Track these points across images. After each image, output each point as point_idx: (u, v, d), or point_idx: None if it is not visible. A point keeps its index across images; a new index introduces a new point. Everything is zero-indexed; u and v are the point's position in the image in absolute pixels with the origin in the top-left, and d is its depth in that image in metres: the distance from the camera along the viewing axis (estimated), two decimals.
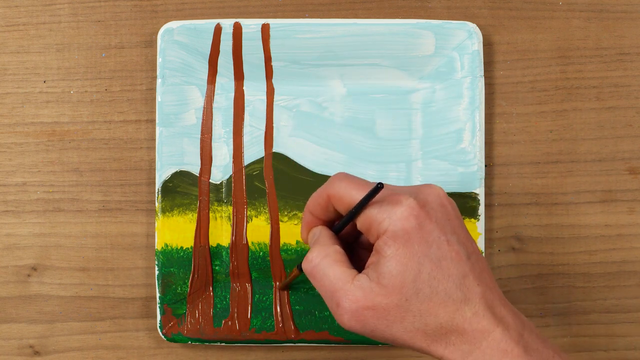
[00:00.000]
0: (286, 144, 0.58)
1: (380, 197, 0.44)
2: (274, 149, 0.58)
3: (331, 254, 0.45)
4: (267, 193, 0.58)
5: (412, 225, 0.43)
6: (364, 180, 0.46)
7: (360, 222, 0.45)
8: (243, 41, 0.57)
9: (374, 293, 0.43)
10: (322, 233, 0.47)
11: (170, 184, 0.57)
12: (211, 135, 0.58)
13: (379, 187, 0.43)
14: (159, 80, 0.57)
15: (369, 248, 0.49)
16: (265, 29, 0.57)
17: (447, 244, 0.43)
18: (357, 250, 0.50)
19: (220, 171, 0.58)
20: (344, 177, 0.46)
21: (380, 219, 0.44)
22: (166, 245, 0.57)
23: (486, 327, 0.43)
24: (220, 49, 0.57)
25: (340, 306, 0.44)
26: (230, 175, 0.58)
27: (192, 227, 0.58)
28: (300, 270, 0.52)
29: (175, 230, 0.57)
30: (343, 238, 0.49)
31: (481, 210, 0.57)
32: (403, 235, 0.43)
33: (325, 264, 0.45)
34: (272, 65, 0.58)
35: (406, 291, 0.43)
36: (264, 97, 0.58)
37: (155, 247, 0.57)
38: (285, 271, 0.58)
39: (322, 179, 0.58)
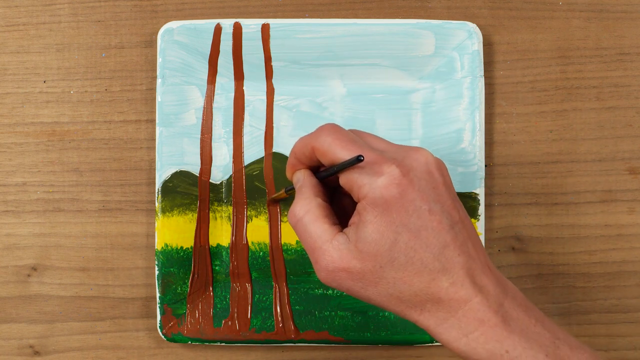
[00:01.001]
0: (286, 144, 0.58)
1: (364, 159, 0.44)
2: (274, 149, 0.58)
3: (313, 209, 0.45)
4: (267, 193, 0.58)
5: (392, 194, 0.42)
6: (352, 137, 0.45)
7: (343, 181, 0.45)
8: (243, 41, 0.57)
9: (350, 256, 0.43)
10: (305, 182, 0.47)
11: (170, 184, 0.57)
12: (211, 135, 0.58)
13: (359, 159, 0.42)
14: (159, 80, 0.57)
15: (350, 196, 0.49)
16: (265, 29, 0.57)
17: (429, 214, 0.43)
18: (340, 196, 0.50)
19: (220, 171, 0.58)
20: (331, 131, 0.45)
21: (360, 184, 0.43)
22: (166, 245, 0.57)
23: (463, 296, 0.43)
24: (220, 49, 0.57)
25: (318, 264, 0.44)
26: (230, 175, 0.58)
27: (192, 227, 0.58)
28: (288, 193, 0.53)
29: (175, 230, 0.57)
30: (327, 183, 0.48)
31: (481, 210, 0.57)
32: (382, 203, 0.42)
33: (307, 219, 0.45)
34: (272, 65, 0.58)
35: (381, 259, 0.43)
36: (264, 97, 0.58)
37: (155, 247, 0.57)
38: (286, 270, 0.58)
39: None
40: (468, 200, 0.57)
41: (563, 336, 0.44)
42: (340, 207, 0.49)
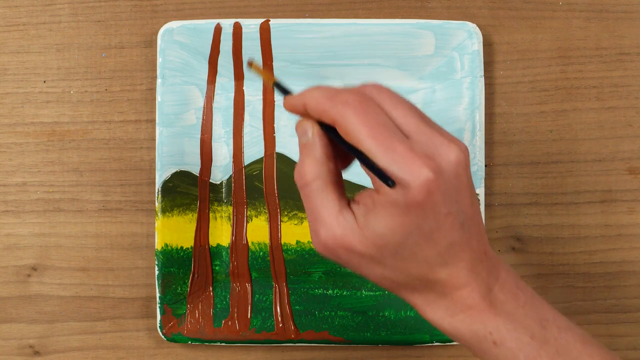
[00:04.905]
0: (286, 144, 0.58)
1: (393, 153, 0.39)
2: (275, 150, 0.58)
3: (323, 176, 0.42)
4: (267, 193, 0.58)
5: (417, 200, 0.40)
6: (381, 120, 0.40)
7: (365, 168, 0.41)
8: (243, 41, 0.57)
9: (353, 236, 0.41)
10: (316, 140, 0.43)
11: (170, 184, 0.57)
12: (211, 135, 0.58)
13: (390, 185, 0.39)
14: (159, 80, 0.57)
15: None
16: (265, 29, 0.57)
17: (446, 216, 0.41)
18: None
19: (220, 171, 0.58)
20: (359, 110, 0.40)
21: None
22: (166, 245, 0.57)
23: (456, 284, 0.42)
24: (220, 49, 0.57)
25: (318, 236, 0.42)
26: (230, 175, 0.58)
27: (192, 227, 0.58)
28: (273, 87, 0.46)
29: (175, 230, 0.57)
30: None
31: (481, 210, 0.57)
32: (403, 205, 0.40)
33: (316, 186, 0.42)
34: (272, 66, 0.58)
35: (385, 250, 0.41)
36: (264, 97, 0.58)
37: (155, 247, 0.57)
38: (286, 270, 0.58)
39: None
40: None
41: (552, 317, 0.44)
42: (341, 151, 0.45)
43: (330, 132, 0.42)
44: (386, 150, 0.40)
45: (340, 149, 0.44)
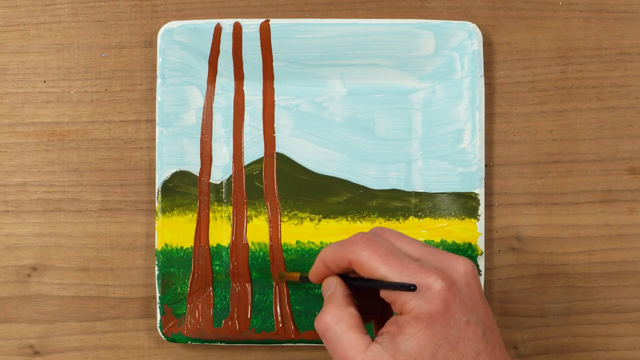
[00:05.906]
0: (286, 144, 0.58)
1: (407, 271, 0.43)
2: (274, 150, 0.58)
3: (346, 318, 0.45)
4: (267, 193, 0.58)
5: (437, 309, 0.43)
6: (389, 248, 0.45)
7: (384, 294, 0.45)
8: (243, 41, 0.57)
9: None
10: (337, 290, 0.47)
11: (170, 184, 0.57)
12: (211, 135, 0.58)
13: (412, 289, 0.42)
14: (159, 80, 0.57)
15: (372, 297, 0.49)
16: (265, 29, 0.57)
17: (466, 325, 0.43)
18: (361, 296, 0.49)
19: (220, 171, 0.58)
20: (367, 244, 0.45)
21: (405, 299, 0.43)
22: (166, 245, 0.57)
23: None
24: (220, 49, 0.57)
25: None
26: (230, 175, 0.58)
27: (192, 227, 0.58)
28: (302, 281, 0.53)
29: (175, 230, 0.57)
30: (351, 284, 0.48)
31: (481, 210, 0.57)
32: (427, 318, 0.43)
33: (339, 329, 0.45)
34: (272, 65, 0.58)
35: None
36: (264, 97, 0.58)
37: (155, 247, 0.57)
38: (286, 270, 0.58)
39: (322, 178, 0.58)
40: (468, 200, 0.57)
41: None
42: (360, 305, 0.49)
43: (349, 280, 0.47)
44: (400, 271, 0.44)
45: (363, 305, 0.48)
